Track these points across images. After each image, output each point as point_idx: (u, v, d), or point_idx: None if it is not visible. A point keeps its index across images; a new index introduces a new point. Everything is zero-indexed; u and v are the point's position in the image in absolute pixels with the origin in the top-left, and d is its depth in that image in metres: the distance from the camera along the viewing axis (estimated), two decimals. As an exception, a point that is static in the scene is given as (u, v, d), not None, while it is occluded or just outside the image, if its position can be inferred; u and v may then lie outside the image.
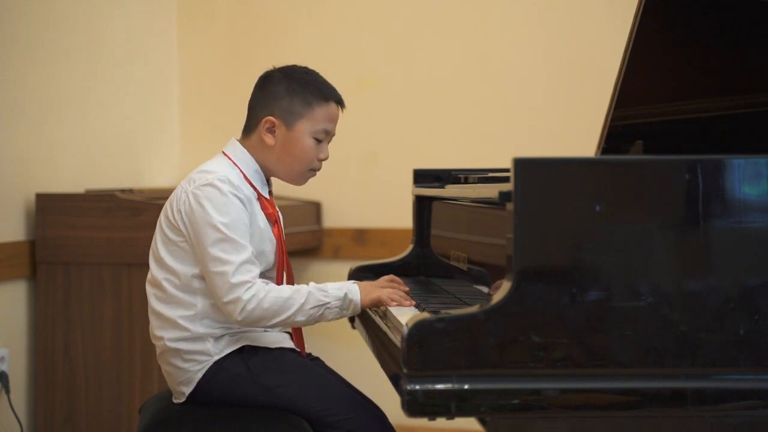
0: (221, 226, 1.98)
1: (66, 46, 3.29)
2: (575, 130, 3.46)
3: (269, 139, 2.11)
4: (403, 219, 3.05)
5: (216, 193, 2.01)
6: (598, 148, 1.97)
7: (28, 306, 3.08)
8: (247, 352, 2.06)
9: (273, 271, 2.17)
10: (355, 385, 2.17)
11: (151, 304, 2.09)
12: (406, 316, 1.87)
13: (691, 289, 1.56)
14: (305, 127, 2.11)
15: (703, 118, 2.09)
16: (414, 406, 1.52)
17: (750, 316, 1.55)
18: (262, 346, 2.09)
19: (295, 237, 3.56)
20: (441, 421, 1.61)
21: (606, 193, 1.57)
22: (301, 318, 2.00)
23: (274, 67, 2.18)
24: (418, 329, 1.53)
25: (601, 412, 1.57)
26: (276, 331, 2.14)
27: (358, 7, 3.90)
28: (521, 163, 1.56)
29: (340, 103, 2.16)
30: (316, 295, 2.01)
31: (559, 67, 3.70)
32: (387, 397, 2.07)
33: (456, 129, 3.79)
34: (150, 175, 3.80)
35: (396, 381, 1.60)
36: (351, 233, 3.87)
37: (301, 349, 2.17)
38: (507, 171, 1.59)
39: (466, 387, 1.52)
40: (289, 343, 2.15)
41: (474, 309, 1.56)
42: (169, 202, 2.09)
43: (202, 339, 2.04)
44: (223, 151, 2.16)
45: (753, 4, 1.99)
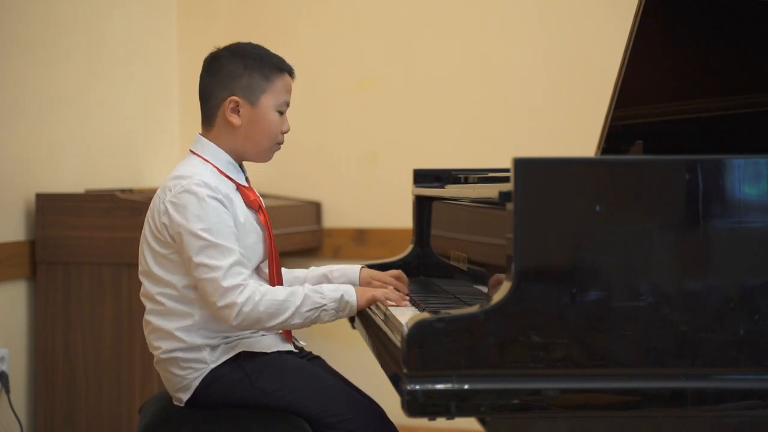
0: (203, 233, 1.95)
1: (66, 46, 3.29)
2: (575, 130, 3.46)
3: (235, 119, 2.08)
4: (403, 219, 3.05)
5: (193, 199, 1.97)
6: (598, 148, 1.97)
7: (28, 306, 3.08)
8: (244, 358, 2.05)
9: (265, 263, 2.14)
10: (355, 384, 2.17)
11: (148, 317, 2.08)
12: (406, 316, 1.87)
13: (691, 289, 1.56)
14: (269, 102, 2.09)
15: (703, 118, 2.09)
16: (414, 406, 1.52)
17: (750, 316, 1.55)
18: (258, 351, 2.08)
19: (295, 237, 3.57)
20: (441, 421, 1.61)
21: (606, 193, 1.57)
22: (297, 320, 1.99)
23: (217, 48, 2.16)
24: (418, 329, 1.53)
25: (601, 412, 1.57)
26: (271, 335, 2.13)
27: (358, 7, 3.90)
28: (521, 163, 1.56)
29: (292, 73, 2.14)
30: (313, 297, 2.00)
31: (559, 67, 3.70)
32: (387, 397, 2.07)
33: (456, 129, 3.79)
34: (150, 175, 3.80)
35: (396, 381, 1.60)
36: (351, 233, 3.87)
37: (290, 341, 2.15)
38: (507, 171, 1.59)
39: (466, 387, 1.52)
40: (285, 345, 2.14)
41: (474, 309, 1.56)
42: (150, 214, 2.06)
43: (198, 348, 2.03)
44: (191, 150, 2.12)
45: (753, 4, 1.99)
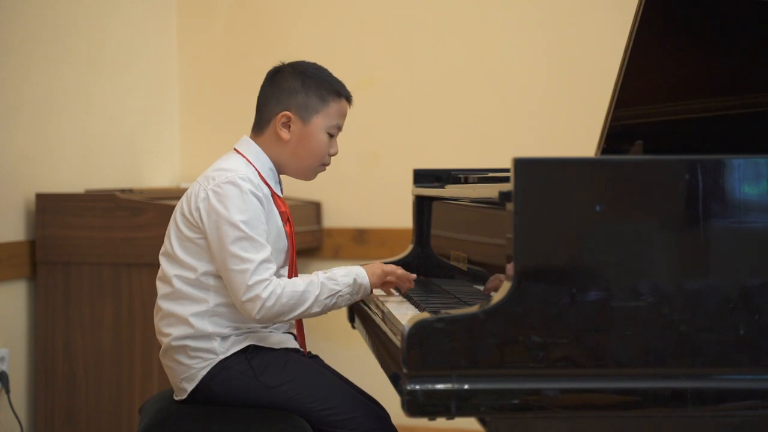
0: (241, 224, 1.98)
1: (66, 46, 3.29)
2: (575, 130, 3.46)
3: (285, 134, 2.12)
4: (403, 219, 3.05)
5: (236, 190, 2.01)
6: (598, 148, 1.97)
7: (28, 306, 3.07)
8: (251, 352, 2.06)
9: (284, 269, 2.18)
10: (355, 384, 2.17)
11: (160, 301, 2.09)
12: (406, 316, 1.87)
13: (691, 289, 1.56)
14: (320, 123, 2.13)
15: (703, 118, 2.09)
16: (414, 405, 1.52)
17: (750, 316, 1.55)
18: (266, 346, 2.09)
19: (296, 237, 3.56)
20: (441, 421, 1.61)
21: (606, 193, 1.57)
22: (316, 309, 2.02)
23: (283, 63, 2.19)
24: (418, 329, 1.53)
25: (601, 412, 1.57)
26: (280, 332, 2.14)
27: (359, 7, 3.90)
28: (521, 163, 1.56)
29: (350, 99, 2.19)
30: (328, 285, 2.03)
31: (559, 67, 3.70)
32: (387, 396, 2.07)
33: (456, 129, 3.79)
34: (150, 175, 3.80)
35: (396, 381, 1.60)
36: (351, 233, 3.87)
37: (303, 349, 2.18)
38: (507, 171, 1.59)
39: (466, 387, 1.52)
40: (293, 343, 2.15)
41: (474, 309, 1.56)
42: (185, 198, 2.08)
43: (209, 337, 2.04)
44: (235, 149, 2.15)
45: (753, 4, 1.99)
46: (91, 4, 3.45)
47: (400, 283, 2.17)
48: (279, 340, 2.12)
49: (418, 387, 1.52)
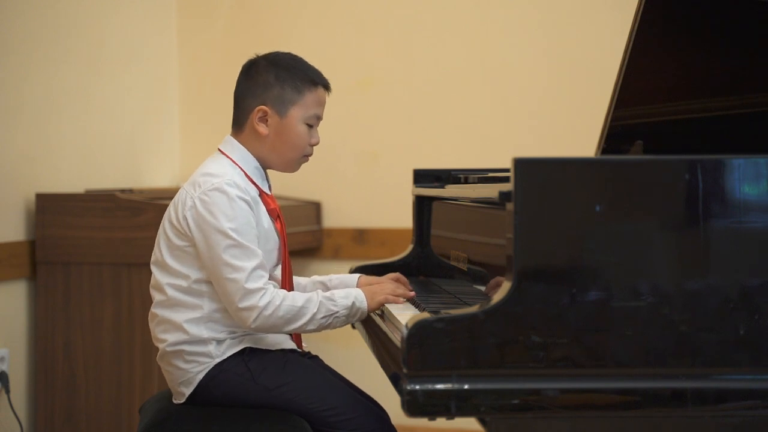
0: (231, 232, 1.97)
1: (66, 46, 3.29)
2: (575, 130, 3.46)
3: (262, 128, 2.10)
4: (403, 219, 3.05)
5: (223, 197, 1.99)
6: (598, 148, 1.97)
7: (28, 306, 3.07)
8: (248, 354, 2.06)
9: (277, 268, 2.16)
10: (355, 385, 2.17)
11: (155, 309, 2.08)
12: (406, 316, 1.87)
13: (691, 289, 1.56)
14: (297, 114, 2.10)
15: (703, 118, 2.09)
16: (414, 405, 1.52)
17: (750, 316, 1.55)
18: (263, 347, 2.08)
19: (295, 237, 3.56)
20: (441, 421, 1.61)
21: (606, 193, 1.57)
22: (311, 327, 2.01)
23: (257, 55, 2.17)
24: (418, 329, 1.53)
25: (601, 412, 1.57)
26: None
27: (359, 7, 3.90)
28: (521, 163, 1.56)
29: (327, 87, 2.16)
30: (326, 305, 2.02)
31: (559, 67, 3.70)
32: (387, 396, 2.07)
33: (456, 129, 3.79)
34: (150, 175, 3.80)
35: (396, 381, 1.60)
36: (351, 233, 3.87)
37: (299, 344, 2.17)
38: (507, 171, 1.59)
39: (466, 387, 1.52)
40: (290, 343, 2.15)
41: (474, 309, 1.56)
42: (173, 206, 2.07)
43: (204, 342, 2.04)
44: (219, 149, 2.14)
45: (753, 4, 1.99)
46: (91, 4, 3.45)
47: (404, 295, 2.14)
48: (275, 340, 2.11)
49: (418, 387, 1.52)
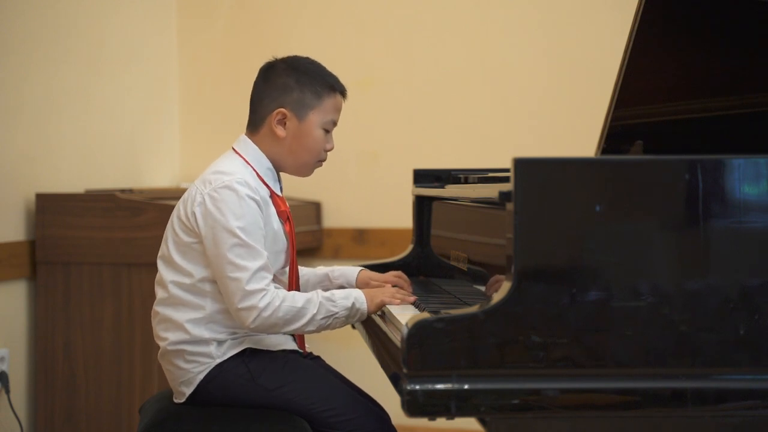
0: (238, 231, 1.97)
1: (66, 46, 3.29)
2: (575, 130, 3.46)
3: (280, 131, 2.10)
4: (403, 219, 3.05)
5: (233, 196, 1.99)
6: (598, 148, 1.97)
7: (28, 306, 3.07)
8: (248, 354, 2.06)
9: (285, 270, 2.16)
10: (355, 384, 2.17)
11: (158, 306, 2.08)
12: (406, 316, 1.87)
13: (691, 289, 1.56)
14: (316, 119, 2.11)
15: (703, 118, 2.09)
16: (414, 405, 1.52)
17: (750, 316, 1.55)
18: (264, 348, 2.08)
19: (296, 237, 3.56)
20: (441, 421, 1.61)
21: (606, 193, 1.57)
22: (311, 327, 2.01)
23: (275, 58, 2.17)
24: (418, 329, 1.53)
25: (601, 412, 1.57)
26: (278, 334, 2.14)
27: (358, 7, 3.90)
28: (521, 163, 1.56)
29: (345, 93, 2.17)
30: (326, 306, 2.02)
31: (560, 67, 3.70)
32: (387, 396, 2.07)
33: (456, 129, 3.79)
34: (150, 175, 3.80)
35: (396, 381, 1.60)
36: (351, 233, 3.87)
37: (302, 349, 2.17)
38: (507, 171, 1.59)
39: (466, 387, 1.52)
40: (292, 345, 2.15)
41: (474, 309, 1.56)
42: (182, 203, 2.06)
43: (205, 342, 2.04)
44: (233, 149, 2.13)
45: (753, 4, 1.99)
46: (91, 4, 3.45)
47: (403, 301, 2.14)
48: (277, 341, 2.11)
49: (418, 387, 1.52)
